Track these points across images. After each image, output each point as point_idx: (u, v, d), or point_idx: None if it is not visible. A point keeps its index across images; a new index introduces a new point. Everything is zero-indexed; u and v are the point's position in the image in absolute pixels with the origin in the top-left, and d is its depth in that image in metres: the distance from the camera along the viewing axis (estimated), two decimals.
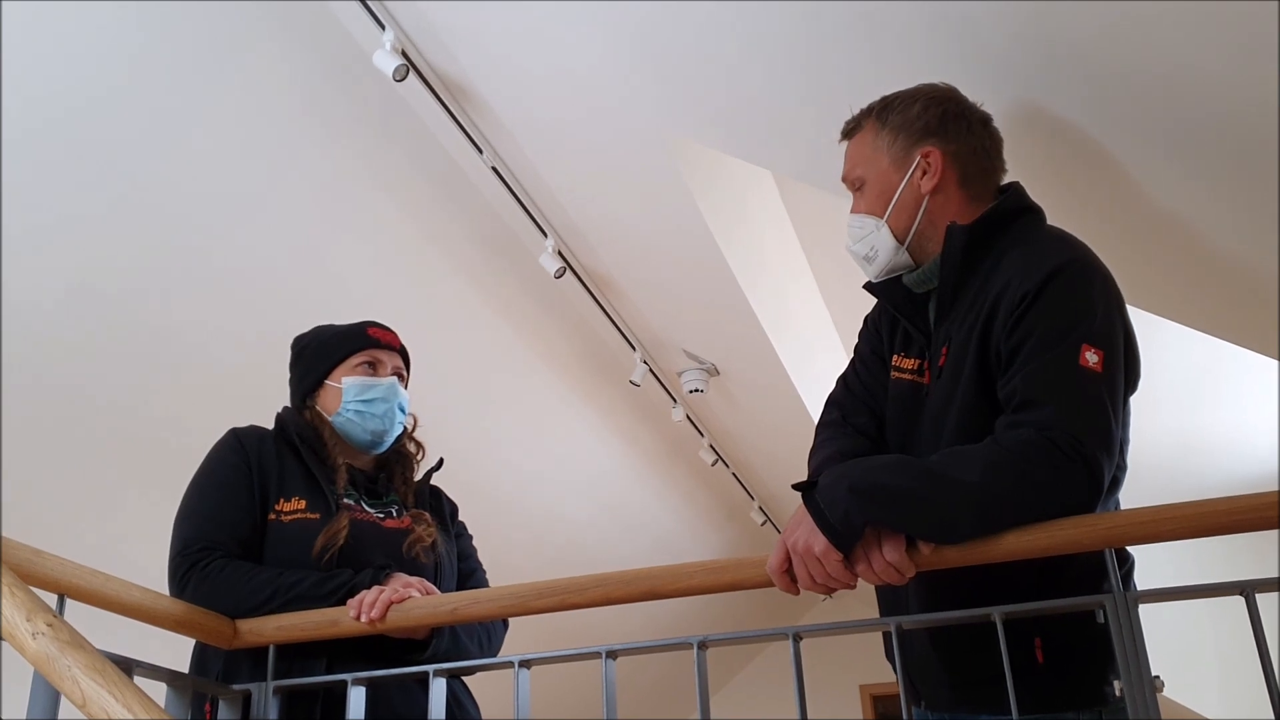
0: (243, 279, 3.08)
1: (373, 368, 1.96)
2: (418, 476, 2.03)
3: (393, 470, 2.00)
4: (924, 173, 1.64)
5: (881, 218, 1.65)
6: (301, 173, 2.98)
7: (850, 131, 1.73)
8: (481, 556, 2.10)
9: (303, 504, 1.82)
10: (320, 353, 1.99)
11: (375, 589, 1.69)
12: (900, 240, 1.65)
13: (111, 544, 3.13)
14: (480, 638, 1.88)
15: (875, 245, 1.67)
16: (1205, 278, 2.27)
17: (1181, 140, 1.84)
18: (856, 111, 1.74)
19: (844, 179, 1.73)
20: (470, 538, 2.10)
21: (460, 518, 2.11)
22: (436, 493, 2.07)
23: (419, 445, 2.07)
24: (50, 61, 2.38)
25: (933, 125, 1.65)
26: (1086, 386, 1.41)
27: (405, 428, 2.03)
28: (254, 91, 2.74)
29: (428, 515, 1.93)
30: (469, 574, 2.03)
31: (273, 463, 1.86)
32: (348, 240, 3.22)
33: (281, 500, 1.82)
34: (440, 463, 2.06)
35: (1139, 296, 2.21)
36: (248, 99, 2.74)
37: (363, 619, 1.65)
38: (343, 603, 1.70)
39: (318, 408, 1.95)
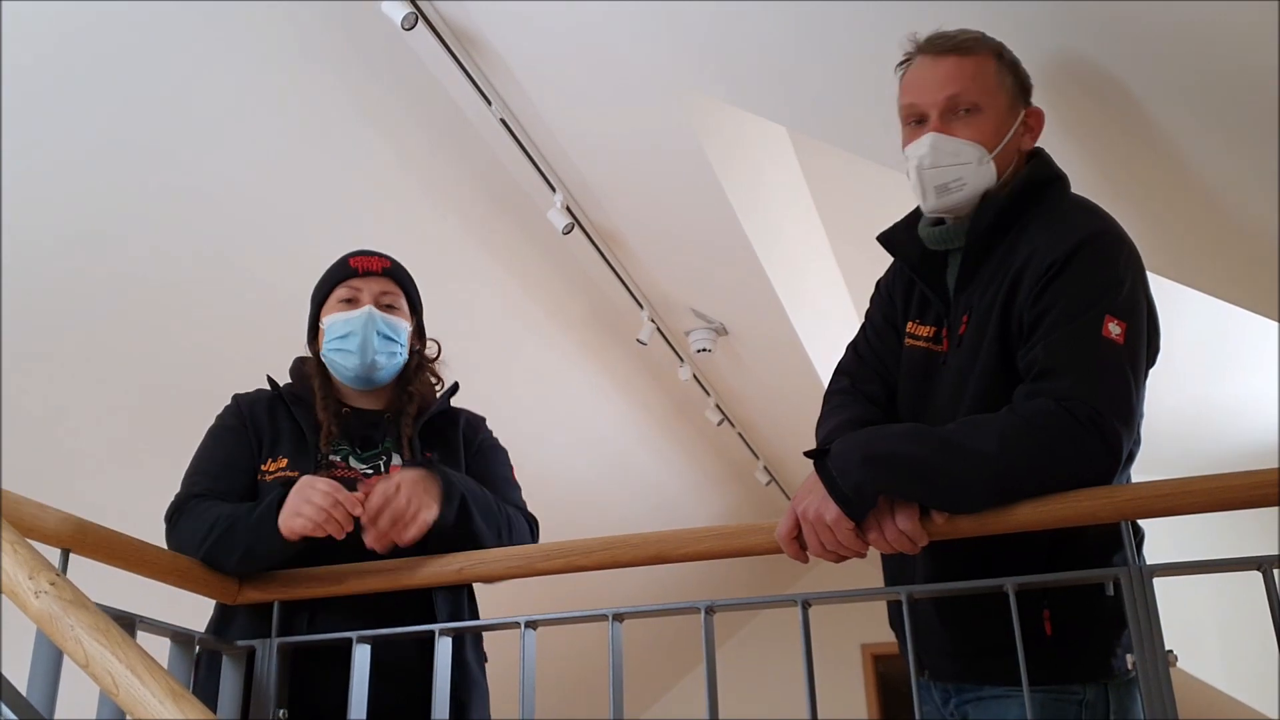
0: (235, 231, 3.04)
1: (350, 302, 1.87)
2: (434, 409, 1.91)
3: (403, 411, 1.89)
4: (1026, 130, 1.61)
5: (991, 153, 1.56)
6: (305, 123, 2.93)
7: (960, 48, 1.57)
8: None
9: (284, 462, 1.79)
10: (314, 295, 1.95)
11: (346, 496, 1.60)
12: (995, 182, 1.57)
13: (120, 498, 3.13)
14: (500, 526, 1.77)
15: (965, 177, 1.55)
16: (1226, 241, 2.23)
17: (1207, 96, 1.80)
18: (948, 30, 1.59)
19: (951, 95, 1.55)
20: (503, 451, 1.97)
21: (489, 426, 1.99)
22: (452, 419, 1.95)
23: (438, 378, 1.96)
24: (54, 14, 2.34)
25: (1028, 85, 1.64)
26: (1108, 358, 1.39)
27: (417, 359, 1.92)
28: (257, 40, 2.69)
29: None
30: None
31: (265, 423, 1.84)
32: (347, 194, 3.17)
33: (269, 460, 1.81)
34: (455, 387, 1.95)
35: (1154, 260, 2.18)
36: (252, 47, 2.69)
37: (379, 548, 1.62)
38: (273, 519, 1.61)
39: (320, 353, 1.91)
